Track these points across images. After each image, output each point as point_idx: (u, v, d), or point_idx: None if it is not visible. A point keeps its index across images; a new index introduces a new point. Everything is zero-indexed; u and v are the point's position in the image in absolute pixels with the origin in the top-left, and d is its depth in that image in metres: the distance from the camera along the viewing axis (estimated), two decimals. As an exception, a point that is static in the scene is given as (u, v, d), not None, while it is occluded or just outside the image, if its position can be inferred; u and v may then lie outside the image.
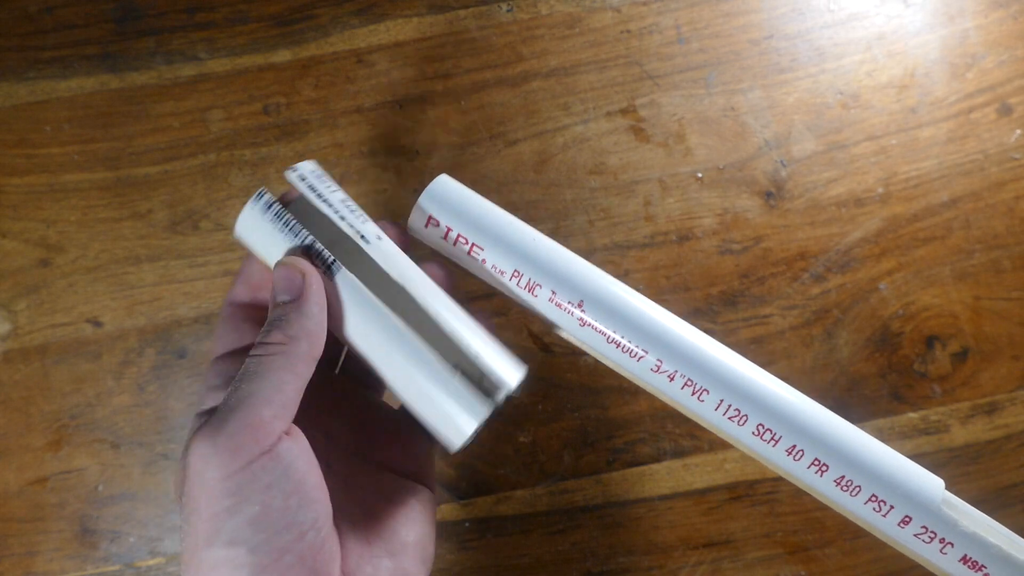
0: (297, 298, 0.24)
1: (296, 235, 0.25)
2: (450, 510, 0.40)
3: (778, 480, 0.41)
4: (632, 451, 0.40)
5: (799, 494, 0.41)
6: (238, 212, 0.42)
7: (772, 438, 0.25)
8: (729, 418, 0.25)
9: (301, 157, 0.42)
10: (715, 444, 0.41)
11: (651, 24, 0.43)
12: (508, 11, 0.43)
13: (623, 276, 0.41)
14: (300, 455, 0.23)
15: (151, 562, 0.39)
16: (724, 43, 0.43)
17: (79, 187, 0.41)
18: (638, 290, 0.28)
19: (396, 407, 0.31)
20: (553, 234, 0.42)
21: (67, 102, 0.42)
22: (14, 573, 0.39)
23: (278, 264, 0.25)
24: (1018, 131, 0.43)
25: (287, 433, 0.23)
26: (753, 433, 0.25)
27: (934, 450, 0.41)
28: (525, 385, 0.27)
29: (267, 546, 0.21)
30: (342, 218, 0.26)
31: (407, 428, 0.30)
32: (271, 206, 0.26)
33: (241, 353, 0.26)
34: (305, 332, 0.24)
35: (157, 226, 0.41)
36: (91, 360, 0.40)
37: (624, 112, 0.43)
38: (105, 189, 0.41)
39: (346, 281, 0.25)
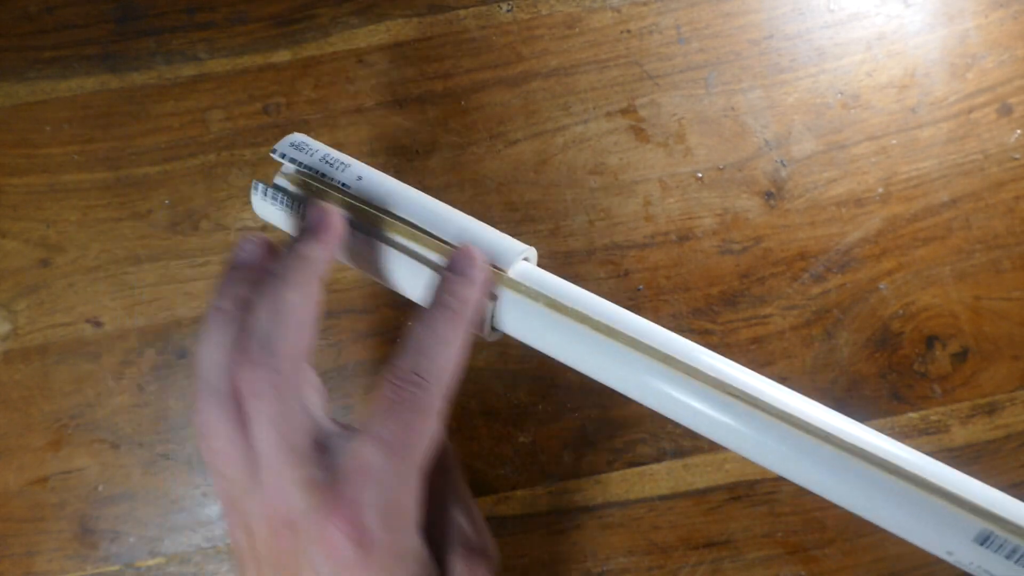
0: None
1: (292, 209, 0.29)
2: (450, 510, 0.40)
3: (778, 480, 0.41)
4: (632, 451, 0.40)
5: (799, 494, 0.41)
6: (239, 211, 0.42)
7: None
8: None
9: (301, 157, 0.42)
10: (715, 444, 0.41)
11: (651, 24, 0.43)
12: (508, 11, 0.43)
13: (623, 276, 0.41)
14: None
15: (151, 562, 0.39)
16: (724, 43, 0.43)
17: (79, 187, 0.41)
18: (638, 291, 0.29)
19: None
20: (553, 234, 0.42)
21: (67, 102, 0.42)
22: (14, 573, 0.39)
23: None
24: (1018, 131, 0.43)
25: None
26: None
27: (934, 450, 0.41)
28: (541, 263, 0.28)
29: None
30: (323, 175, 0.29)
31: None
32: (266, 192, 0.29)
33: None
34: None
35: (157, 226, 0.41)
36: (91, 360, 0.40)
37: (624, 112, 0.43)
38: (105, 189, 0.41)
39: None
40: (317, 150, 0.29)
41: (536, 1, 0.43)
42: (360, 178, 0.28)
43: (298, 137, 0.30)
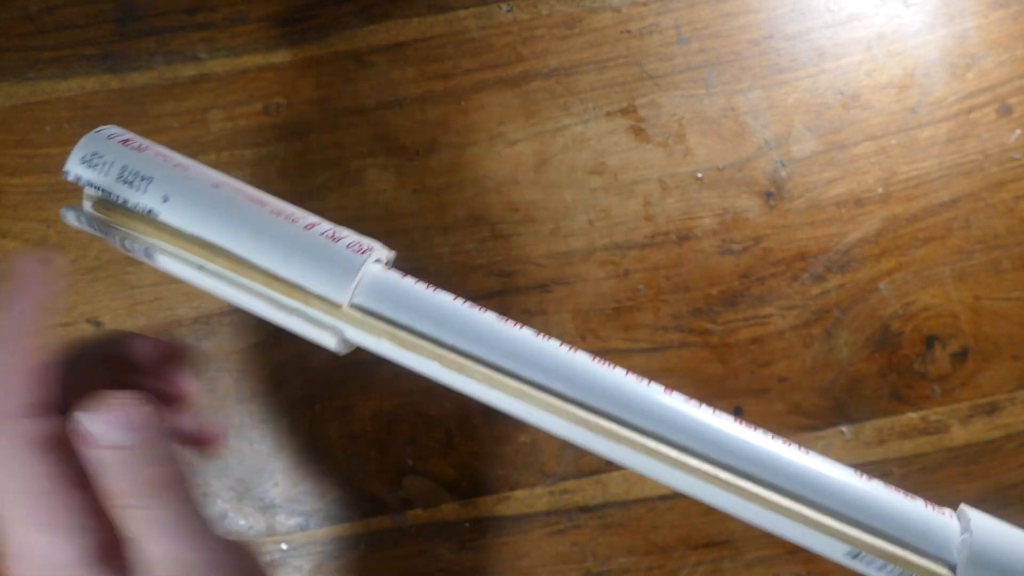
0: None
1: (110, 235, 0.24)
2: (450, 510, 0.40)
3: (778, 480, 0.41)
4: (632, 451, 0.40)
5: (799, 494, 0.41)
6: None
7: None
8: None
9: (301, 157, 0.42)
10: (715, 444, 0.41)
11: (651, 24, 0.43)
12: (508, 11, 0.43)
13: (623, 276, 0.41)
14: None
15: (151, 562, 0.39)
16: (724, 43, 0.43)
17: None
18: (638, 290, 0.28)
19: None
20: (553, 234, 0.42)
21: (67, 102, 0.42)
22: (14, 573, 0.39)
23: None
24: (1018, 131, 0.43)
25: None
26: None
27: (934, 450, 0.41)
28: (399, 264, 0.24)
29: None
30: (125, 202, 0.23)
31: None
32: (79, 217, 0.24)
33: None
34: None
35: (157, 226, 0.41)
36: (91, 360, 0.40)
37: (624, 112, 0.43)
38: (105, 189, 0.41)
39: (167, 260, 0.24)
40: (114, 161, 0.23)
41: (536, 1, 0.43)
42: (167, 199, 0.23)
43: (96, 140, 0.24)
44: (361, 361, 0.40)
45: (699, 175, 0.42)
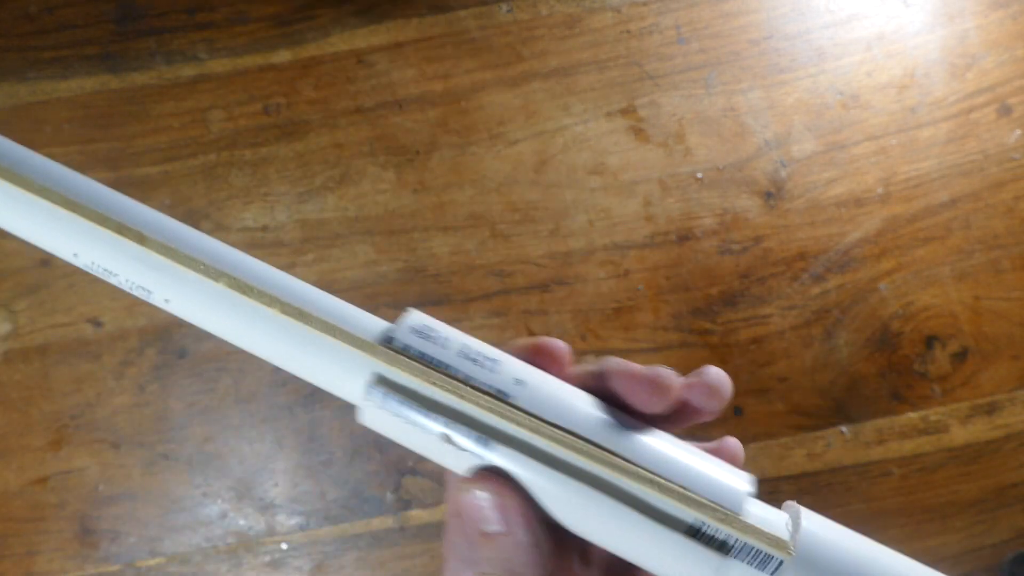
0: (505, 531, 0.19)
1: (429, 420, 0.21)
2: (450, 510, 0.40)
3: (779, 480, 0.41)
4: (632, 451, 0.40)
5: (800, 492, 0.41)
6: (239, 211, 0.42)
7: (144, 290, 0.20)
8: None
9: (301, 157, 0.42)
10: (715, 444, 0.41)
11: (651, 24, 0.43)
12: (508, 11, 0.43)
13: (623, 276, 0.41)
14: None
15: (151, 562, 0.39)
16: (724, 43, 0.43)
17: (79, 187, 0.41)
18: (638, 291, 0.28)
19: None
20: (553, 234, 0.42)
21: (67, 102, 0.42)
22: (15, 573, 0.39)
23: (460, 488, 0.20)
24: (1018, 131, 0.43)
25: None
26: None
27: (934, 450, 0.41)
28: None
29: None
30: (469, 378, 0.21)
31: None
32: (387, 396, 0.21)
33: None
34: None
35: (157, 226, 0.41)
36: (91, 360, 0.40)
37: (624, 112, 0.43)
38: (105, 189, 0.42)
39: (503, 456, 0.20)
40: (450, 337, 0.21)
41: (536, 1, 0.43)
42: (519, 382, 0.21)
43: (419, 318, 0.22)
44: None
45: (699, 175, 0.42)
